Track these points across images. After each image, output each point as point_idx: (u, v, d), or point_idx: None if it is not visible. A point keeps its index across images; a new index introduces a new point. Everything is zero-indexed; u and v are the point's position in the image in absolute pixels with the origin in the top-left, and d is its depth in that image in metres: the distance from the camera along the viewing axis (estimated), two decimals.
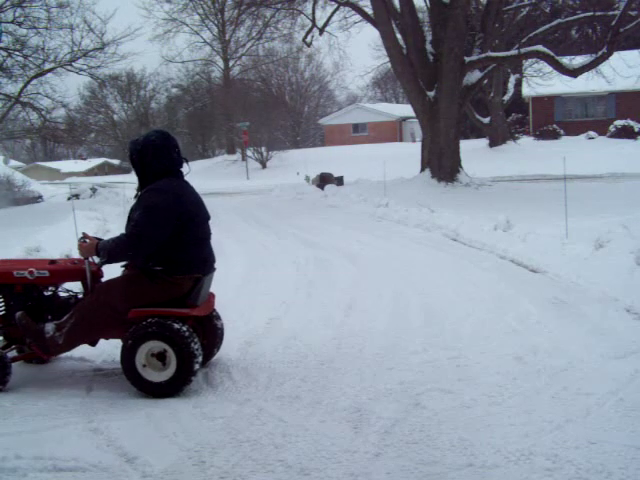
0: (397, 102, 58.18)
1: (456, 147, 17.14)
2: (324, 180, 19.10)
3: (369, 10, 18.02)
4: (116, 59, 20.45)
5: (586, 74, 17.16)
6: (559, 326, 5.21)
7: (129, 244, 4.12)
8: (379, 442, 3.38)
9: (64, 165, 56.23)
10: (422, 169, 17.62)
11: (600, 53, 15.89)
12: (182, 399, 4.06)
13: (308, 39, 20.91)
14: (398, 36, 17.01)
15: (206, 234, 4.42)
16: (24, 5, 17.49)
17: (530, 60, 25.49)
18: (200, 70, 43.10)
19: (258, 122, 32.51)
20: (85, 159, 59.16)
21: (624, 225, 7.49)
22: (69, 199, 19.34)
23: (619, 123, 31.60)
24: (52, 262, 4.57)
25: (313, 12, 19.56)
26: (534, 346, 4.72)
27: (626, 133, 30.64)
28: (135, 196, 4.36)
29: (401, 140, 45.16)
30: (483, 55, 16.92)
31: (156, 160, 4.20)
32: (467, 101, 19.78)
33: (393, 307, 6.10)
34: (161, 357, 4.13)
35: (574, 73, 16.67)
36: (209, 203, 4.72)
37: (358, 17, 19.68)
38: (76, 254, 7.91)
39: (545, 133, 33.13)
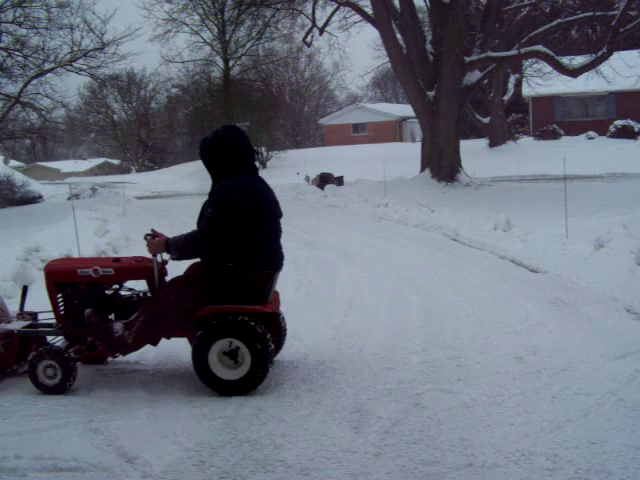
0: (397, 102, 58.19)
1: (456, 147, 17.14)
2: (324, 180, 19.09)
3: (369, 10, 18.02)
4: (116, 59, 20.49)
5: (586, 74, 17.17)
6: (559, 326, 5.21)
7: (202, 240, 4.05)
8: (379, 442, 3.38)
9: (64, 165, 56.20)
10: (422, 169, 17.62)
11: (600, 53, 15.89)
12: (182, 399, 4.06)
13: (308, 39, 20.92)
14: (398, 36, 17.01)
15: (278, 231, 4.37)
16: (24, 5, 17.51)
17: (530, 60, 25.49)
18: (200, 70, 43.03)
19: (258, 122, 32.51)
20: (85, 159, 59.16)
21: (624, 225, 7.48)
22: (69, 199, 19.35)
23: (619, 123, 31.59)
24: (116, 260, 4.50)
25: (313, 12, 19.56)
26: (534, 346, 4.72)
27: (626, 133, 30.63)
28: (209, 193, 4.28)
29: (401, 140, 45.17)
30: (483, 55, 16.92)
31: (227, 156, 4.15)
32: (467, 101, 19.78)
33: (393, 307, 6.10)
34: (233, 355, 4.06)
35: (574, 73, 16.67)
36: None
37: (358, 17, 19.68)
38: (76, 254, 7.93)
39: (545, 133, 33.13)
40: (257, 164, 4.34)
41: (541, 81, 27.94)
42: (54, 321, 4.59)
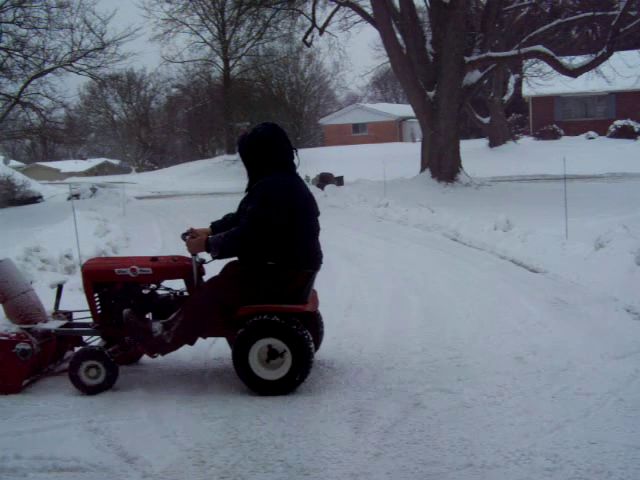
0: (397, 102, 58.18)
1: (456, 147, 17.15)
2: (324, 180, 19.09)
3: (369, 10, 18.03)
4: (116, 59, 20.50)
5: (586, 74, 17.18)
6: (559, 326, 5.21)
7: (243, 238, 4.01)
8: (379, 442, 3.38)
9: (64, 165, 56.18)
10: (422, 169, 17.63)
11: (600, 53, 15.90)
12: (182, 399, 4.06)
13: (308, 39, 20.91)
14: (398, 36, 17.01)
15: (316, 228, 4.32)
16: (24, 5, 17.52)
17: (530, 60, 25.49)
18: (200, 70, 43.07)
19: (258, 122, 32.47)
20: (85, 159, 59.15)
21: (624, 225, 7.48)
22: (69, 199, 19.34)
23: (619, 123, 31.60)
24: (153, 259, 4.45)
25: (313, 12, 19.56)
26: (534, 346, 4.72)
27: (626, 133, 30.64)
28: (246, 190, 4.26)
29: (401, 140, 45.16)
30: (483, 55, 16.93)
31: (266, 153, 4.13)
32: (467, 101, 19.79)
33: (393, 307, 6.10)
34: (273, 355, 4.03)
35: (574, 73, 16.68)
36: (209, 203, 4.73)
37: (358, 17, 19.69)
38: (76, 254, 7.93)
39: (545, 133, 33.13)
40: (296, 161, 4.32)
41: (541, 81, 27.94)
42: (89, 320, 4.58)
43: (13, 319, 4.49)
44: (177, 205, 18.47)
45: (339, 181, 19.58)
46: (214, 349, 4.88)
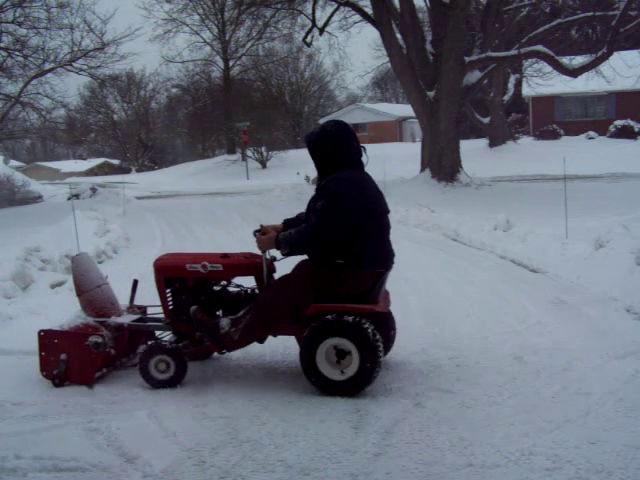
0: (397, 102, 58.18)
1: (456, 147, 17.14)
2: None
3: (369, 10, 18.00)
4: (116, 59, 20.46)
5: (586, 74, 17.16)
6: (559, 326, 5.22)
7: (313, 235, 3.95)
8: (379, 442, 3.38)
9: (64, 165, 56.21)
10: (422, 169, 17.62)
11: (600, 53, 15.89)
12: (182, 399, 4.07)
13: (308, 39, 20.87)
14: (398, 36, 16.99)
15: (387, 227, 4.24)
16: (24, 5, 17.50)
17: (530, 60, 25.47)
18: (200, 70, 43.08)
19: (258, 122, 32.49)
20: (85, 159, 59.15)
21: (624, 225, 7.48)
22: (69, 199, 19.33)
23: (619, 123, 31.59)
24: (224, 256, 4.44)
25: (313, 12, 19.53)
26: (534, 346, 4.73)
27: (626, 133, 30.63)
28: (315, 188, 4.22)
29: (401, 140, 45.16)
30: (483, 55, 16.92)
31: (336, 150, 4.09)
32: (467, 101, 19.78)
33: (393, 307, 6.07)
34: (342, 355, 3.99)
35: (574, 73, 16.67)
36: (209, 203, 4.73)
37: (358, 17, 19.65)
38: (76, 253, 7.92)
39: (545, 133, 33.12)
40: (364, 159, 4.25)
41: (541, 81, 27.91)
42: (162, 315, 4.60)
43: (88, 312, 4.58)
44: (177, 205, 18.47)
45: None
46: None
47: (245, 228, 12.13)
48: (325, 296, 4.01)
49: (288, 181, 21.30)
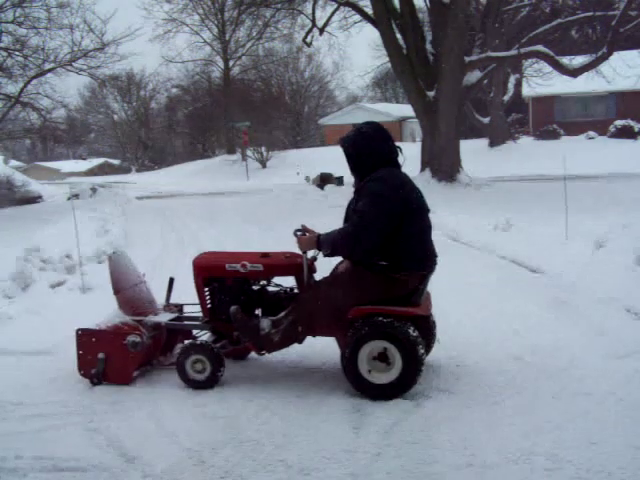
0: (397, 102, 58.15)
1: (456, 147, 17.14)
2: (324, 180, 19.09)
3: (369, 10, 18.01)
4: (116, 59, 20.47)
5: (586, 74, 17.17)
6: (559, 326, 5.21)
7: (355, 235, 3.88)
8: (379, 442, 3.38)
9: (64, 165, 56.18)
10: (422, 169, 17.61)
11: (600, 53, 15.91)
12: (182, 399, 4.06)
13: (308, 39, 20.89)
14: (398, 36, 16.99)
15: (429, 226, 4.17)
16: (24, 5, 17.50)
17: (530, 60, 25.48)
18: (200, 70, 43.10)
19: (258, 122, 32.51)
20: (85, 159, 59.15)
21: (624, 225, 7.49)
22: (69, 199, 19.31)
23: (619, 123, 31.58)
24: (264, 255, 4.40)
25: (313, 12, 19.54)
26: (534, 346, 4.72)
27: (626, 133, 30.62)
28: (354, 190, 4.17)
29: (401, 140, 45.13)
30: (483, 55, 16.93)
31: (373, 151, 4.05)
32: (467, 101, 19.78)
33: None
34: (383, 358, 3.94)
35: (574, 73, 16.68)
36: (209, 203, 4.72)
37: (358, 17, 19.66)
38: (76, 254, 7.93)
39: (545, 133, 33.11)
40: (400, 159, 4.22)
41: (541, 81, 27.91)
42: (199, 314, 4.58)
43: (125, 310, 4.56)
44: (177, 205, 18.45)
45: (339, 181, 19.57)
46: None
47: (245, 228, 12.14)
48: (367, 298, 3.95)
49: (288, 181, 21.31)
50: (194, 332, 4.72)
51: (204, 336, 4.59)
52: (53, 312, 6.04)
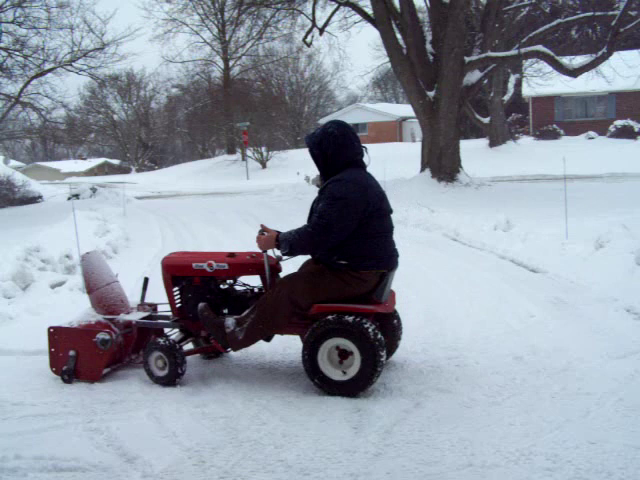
0: (397, 102, 58.17)
1: (456, 147, 17.13)
2: None
3: (369, 10, 17.99)
4: (116, 59, 20.51)
5: (586, 74, 17.14)
6: (559, 326, 5.22)
7: (313, 236, 3.95)
8: (379, 442, 3.38)
9: (64, 165, 56.20)
10: (422, 169, 17.61)
11: (600, 53, 15.88)
12: (182, 399, 4.06)
13: (308, 39, 20.86)
14: (398, 36, 16.98)
15: (390, 227, 4.24)
16: (24, 5, 17.51)
17: (530, 60, 25.46)
18: (200, 70, 43.10)
19: (258, 122, 32.50)
20: (85, 159, 59.15)
21: (624, 225, 7.48)
22: (69, 199, 19.35)
23: (619, 123, 31.61)
24: (230, 255, 4.46)
25: (313, 12, 19.53)
26: (534, 346, 4.72)
27: (626, 133, 30.65)
28: (319, 190, 4.20)
29: (401, 140, 45.15)
30: (483, 55, 16.90)
31: (338, 151, 4.07)
32: (467, 101, 19.77)
33: None
34: (344, 355, 3.99)
35: (574, 73, 16.66)
36: (209, 203, 4.73)
37: (358, 17, 19.64)
38: (76, 254, 7.92)
39: (545, 133, 33.13)
40: (366, 159, 4.25)
41: (541, 81, 27.92)
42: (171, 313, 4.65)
43: (98, 309, 4.66)
44: (177, 205, 18.47)
45: None
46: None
47: (245, 228, 12.14)
48: (328, 296, 4.01)
49: (288, 181, 21.30)
50: (166, 330, 4.77)
51: (174, 335, 4.64)
52: (53, 312, 6.03)
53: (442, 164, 16.81)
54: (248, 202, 17.88)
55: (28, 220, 13.97)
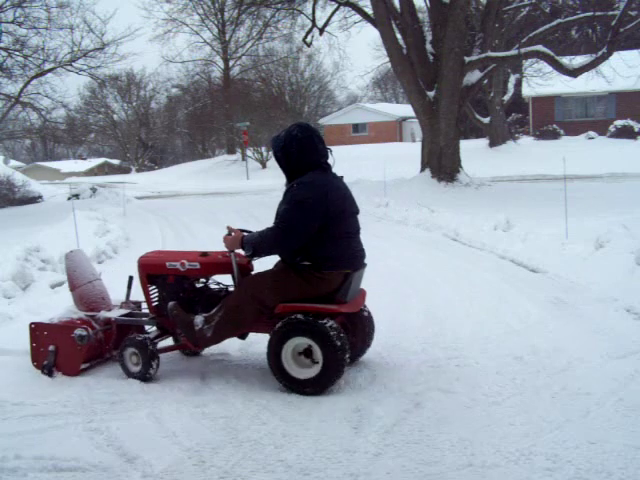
0: (397, 102, 58.17)
1: (456, 147, 17.13)
2: None
3: (369, 10, 18.00)
4: (116, 59, 20.53)
5: (586, 74, 17.14)
6: (559, 326, 5.21)
7: (275, 238, 4.02)
8: (379, 442, 3.38)
9: (64, 165, 56.19)
10: (422, 169, 17.61)
11: (600, 53, 15.87)
12: (182, 399, 4.06)
13: (308, 39, 20.88)
14: (398, 36, 16.98)
15: (355, 228, 4.28)
16: (24, 5, 17.52)
17: (530, 60, 25.46)
18: (200, 70, 43.14)
19: (258, 122, 32.49)
20: (85, 159, 59.15)
21: (624, 225, 7.48)
22: (69, 199, 19.35)
23: (619, 123, 31.61)
24: (203, 254, 4.53)
25: (313, 12, 19.53)
26: (534, 346, 4.72)
27: (626, 133, 30.65)
28: (283, 193, 4.23)
29: (401, 140, 45.16)
30: (483, 55, 16.90)
31: (301, 154, 4.10)
32: (467, 101, 19.76)
33: (393, 307, 6.09)
34: (308, 354, 4.04)
35: (574, 73, 16.65)
36: (209, 203, 4.73)
37: (358, 17, 19.65)
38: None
39: (545, 133, 33.14)
40: (331, 161, 4.29)
41: (541, 81, 27.92)
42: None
43: (79, 306, 4.79)
44: (177, 205, 18.47)
45: None
46: (214, 348, 4.88)
47: (245, 227, 12.13)
48: (293, 296, 4.07)
49: None
50: (146, 327, 4.85)
51: (152, 331, 4.72)
52: (53, 312, 6.02)
53: (442, 164, 16.81)
54: (248, 202, 17.88)
55: (28, 220, 13.97)
